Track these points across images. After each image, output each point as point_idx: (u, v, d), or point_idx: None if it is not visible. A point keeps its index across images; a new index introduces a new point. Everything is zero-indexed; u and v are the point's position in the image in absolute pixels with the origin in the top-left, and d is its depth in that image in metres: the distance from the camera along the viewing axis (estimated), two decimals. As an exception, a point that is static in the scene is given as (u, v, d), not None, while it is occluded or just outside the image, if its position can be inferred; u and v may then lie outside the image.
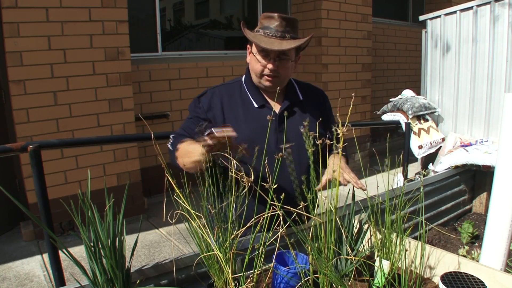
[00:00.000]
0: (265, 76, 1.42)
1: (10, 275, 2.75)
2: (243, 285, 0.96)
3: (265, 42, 1.35)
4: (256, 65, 1.42)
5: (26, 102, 3.10)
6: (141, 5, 4.07)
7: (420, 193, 1.07)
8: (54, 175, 3.25)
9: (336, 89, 5.05)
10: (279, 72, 1.41)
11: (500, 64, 3.04)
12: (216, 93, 1.48)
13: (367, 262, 1.01)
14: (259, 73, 1.42)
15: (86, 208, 0.95)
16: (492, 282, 1.02)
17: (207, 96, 1.48)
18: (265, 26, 1.40)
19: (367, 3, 5.22)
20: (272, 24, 1.39)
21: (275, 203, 0.94)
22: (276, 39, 1.37)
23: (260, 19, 1.43)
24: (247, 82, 1.51)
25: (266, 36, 1.37)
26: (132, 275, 1.06)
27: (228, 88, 1.51)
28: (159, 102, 4.17)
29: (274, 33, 1.37)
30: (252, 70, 1.45)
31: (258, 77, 1.44)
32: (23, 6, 2.99)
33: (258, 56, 1.40)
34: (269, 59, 1.39)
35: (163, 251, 3.12)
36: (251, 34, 1.40)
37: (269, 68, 1.39)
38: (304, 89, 1.58)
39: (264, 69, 1.41)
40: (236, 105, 1.46)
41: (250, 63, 1.46)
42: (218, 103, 1.46)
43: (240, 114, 1.45)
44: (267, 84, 1.44)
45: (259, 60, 1.40)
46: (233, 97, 1.48)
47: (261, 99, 1.47)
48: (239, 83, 1.53)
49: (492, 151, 2.76)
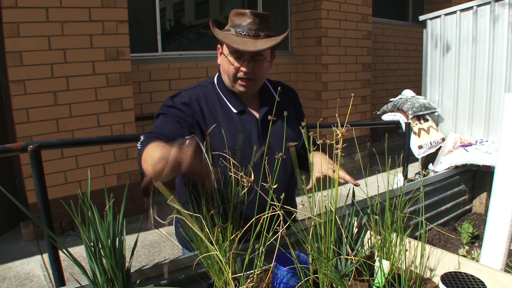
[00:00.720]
0: (239, 80, 1.30)
1: (10, 275, 2.75)
2: (243, 285, 0.96)
3: (238, 43, 1.22)
4: (229, 68, 1.29)
5: (26, 102, 3.10)
6: (141, 5, 4.07)
7: (420, 193, 1.07)
8: (54, 175, 3.25)
9: (336, 89, 5.05)
10: (255, 74, 1.29)
11: (500, 64, 3.04)
12: (193, 95, 1.33)
13: (367, 262, 1.01)
14: (232, 76, 1.29)
15: (86, 208, 0.95)
16: (492, 282, 1.02)
17: (182, 96, 1.32)
18: (237, 24, 1.27)
19: (367, 3, 5.22)
20: (244, 21, 1.26)
21: (274, 203, 0.93)
22: (250, 38, 1.24)
23: (230, 17, 1.30)
24: (220, 85, 1.38)
25: (239, 35, 1.25)
26: (132, 275, 1.06)
27: (203, 90, 1.36)
28: (159, 102, 4.14)
29: (247, 31, 1.25)
30: (225, 73, 1.32)
31: (231, 81, 1.31)
32: (23, 6, 2.99)
33: (230, 58, 1.27)
34: (243, 60, 1.26)
35: (163, 251, 3.12)
36: (221, 34, 1.27)
37: (243, 71, 1.27)
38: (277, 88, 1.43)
39: (237, 72, 1.28)
40: (215, 109, 1.33)
41: (222, 65, 1.32)
42: (197, 105, 1.31)
43: (221, 121, 1.31)
44: (241, 89, 1.31)
45: (231, 62, 1.27)
46: (211, 101, 1.34)
47: (239, 104, 1.35)
48: (211, 86, 1.39)
49: (492, 151, 2.76)
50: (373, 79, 5.77)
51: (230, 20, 1.30)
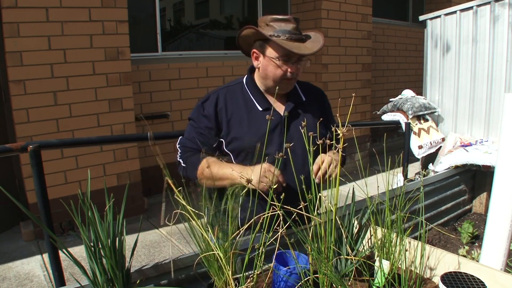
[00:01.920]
0: (285, 80, 1.39)
1: (10, 275, 2.75)
2: (243, 285, 0.96)
3: (293, 47, 1.32)
4: (277, 71, 1.37)
5: (26, 102, 3.10)
6: (141, 5, 4.07)
7: (420, 193, 1.07)
8: (54, 175, 3.25)
9: (336, 89, 5.05)
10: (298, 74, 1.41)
11: (500, 64, 3.04)
12: (220, 97, 1.45)
13: (367, 262, 1.01)
14: (280, 78, 1.38)
15: (86, 208, 0.95)
16: (492, 282, 1.02)
17: (211, 101, 1.44)
18: (282, 30, 1.34)
19: (367, 3, 5.21)
20: (288, 26, 1.35)
21: (277, 204, 0.94)
22: (300, 43, 1.35)
23: (267, 22, 1.37)
24: (249, 85, 1.48)
25: (289, 40, 1.33)
26: (132, 275, 1.06)
27: (230, 90, 1.48)
28: (159, 102, 4.17)
29: (295, 37, 1.34)
30: (269, 76, 1.40)
31: (277, 83, 1.39)
32: (23, 6, 2.99)
33: (277, 62, 1.36)
34: (292, 63, 1.36)
35: (163, 251, 3.12)
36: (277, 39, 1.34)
37: (292, 72, 1.37)
38: (305, 89, 1.56)
39: (286, 74, 1.37)
40: (239, 108, 1.44)
41: (266, 68, 1.40)
42: (222, 107, 1.43)
43: (244, 118, 1.42)
44: (289, 88, 1.43)
45: (279, 65, 1.36)
46: (236, 100, 1.45)
47: (265, 102, 1.45)
48: (240, 85, 1.50)
49: (492, 151, 2.76)
50: (373, 79, 5.77)
51: (268, 25, 1.36)
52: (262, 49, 1.40)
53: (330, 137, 1.50)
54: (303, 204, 0.94)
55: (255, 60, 1.44)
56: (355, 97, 5.25)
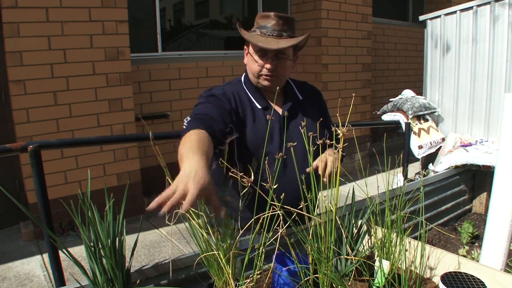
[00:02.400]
0: (263, 76, 1.40)
1: (10, 275, 2.75)
2: (243, 285, 0.96)
3: (262, 42, 1.34)
4: (254, 65, 1.40)
5: (26, 102, 3.10)
6: (141, 5, 4.07)
7: (420, 193, 1.07)
8: (54, 175, 3.25)
9: (336, 89, 5.05)
10: (278, 71, 1.40)
11: (500, 64, 3.04)
12: (228, 90, 1.44)
13: (367, 262, 1.01)
14: (256, 73, 1.41)
15: (86, 208, 0.95)
16: (492, 282, 1.02)
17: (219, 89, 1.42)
18: (262, 26, 1.39)
19: (367, 3, 5.21)
20: (268, 23, 1.38)
21: (277, 204, 0.94)
22: (273, 38, 1.36)
23: (256, 19, 1.42)
24: (246, 84, 1.49)
25: (263, 35, 1.36)
26: (132, 275, 1.06)
27: (235, 87, 1.48)
28: (159, 102, 4.17)
29: (271, 32, 1.36)
30: (250, 71, 1.44)
31: (256, 77, 1.42)
32: (23, 6, 2.99)
33: (255, 56, 1.39)
34: (267, 58, 1.37)
35: (163, 251, 3.12)
36: (247, 34, 1.40)
37: (267, 68, 1.38)
38: (302, 88, 1.57)
39: (262, 69, 1.39)
40: (246, 105, 1.44)
41: (248, 63, 1.45)
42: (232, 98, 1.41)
43: (249, 115, 1.42)
44: (265, 83, 1.42)
45: (256, 60, 1.39)
46: (241, 97, 1.46)
47: (263, 101, 1.45)
48: (239, 84, 1.50)
49: (492, 151, 2.76)
50: (373, 79, 5.77)
51: (256, 22, 1.42)
52: (247, 45, 1.44)
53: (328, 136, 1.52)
54: (303, 204, 0.94)
55: (245, 56, 1.47)
56: (355, 97, 5.25)
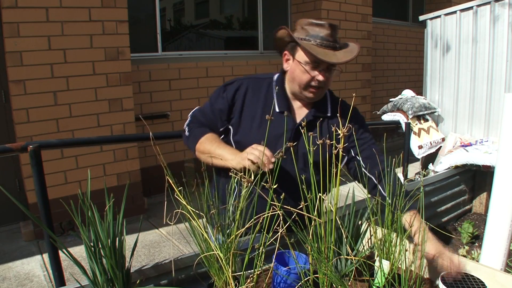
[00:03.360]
0: (310, 88, 1.34)
1: (10, 275, 2.75)
2: (243, 285, 0.96)
3: (321, 54, 1.27)
4: (303, 76, 1.32)
5: (26, 102, 3.10)
6: (141, 5, 4.07)
7: (420, 193, 1.07)
8: (54, 175, 3.25)
9: (336, 89, 5.03)
10: (326, 83, 1.34)
11: (500, 64, 3.04)
12: (243, 85, 1.42)
13: (367, 262, 1.01)
14: (305, 84, 1.33)
15: (86, 208, 0.95)
16: (492, 282, 1.02)
17: (233, 86, 1.42)
18: (314, 35, 1.29)
19: (367, 3, 5.21)
20: (321, 32, 1.29)
21: (276, 203, 0.94)
22: (330, 50, 1.29)
23: (303, 25, 1.33)
24: (277, 83, 1.42)
25: (319, 46, 1.28)
26: (132, 275, 1.06)
27: (256, 82, 1.44)
28: (159, 102, 4.17)
29: (326, 43, 1.29)
30: (295, 80, 1.35)
31: (301, 88, 1.35)
32: (23, 6, 2.99)
33: (307, 67, 1.31)
34: (319, 70, 1.30)
35: (163, 251, 3.12)
36: (304, 43, 1.29)
37: (319, 80, 1.31)
38: (335, 104, 1.45)
39: (311, 81, 1.32)
40: (258, 104, 1.40)
41: (294, 72, 1.35)
42: (241, 96, 1.40)
43: (257, 115, 1.38)
44: (310, 95, 1.35)
45: (307, 70, 1.31)
46: (258, 95, 1.41)
47: (284, 106, 1.39)
48: (268, 81, 1.44)
49: (492, 151, 2.76)
50: (373, 79, 5.76)
51: (303, 29, 1.32)
52: (293, 52, 1.36)
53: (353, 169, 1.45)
54: (303, 204, 0.93)
55: (285, 62, 1.40)
56: (355, 97, 5.24)
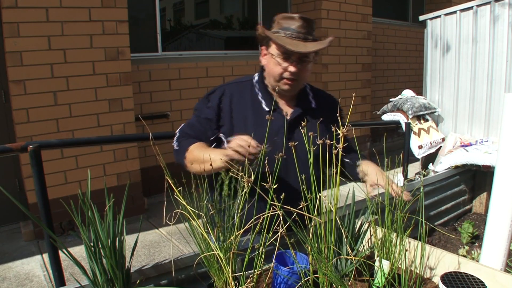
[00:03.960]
0: (284, 80, 1.36)
1: (10, 275, 2.75)
2: (243, 285, 0.96)
3: (290, 44, 1.29)
4: (276, 68, 1.35)
5: (26, 102, 3.10)
6: (141, 5, 4.07)
7: (420, 193, 1.07)
8: (54, 175, 3.25)
9: (336, 89, 5.05)
10: (300, 74, 1.36)
11: (500, 64, 3.04)
12: (227, 92, 1.43)
13: (367, 262, 1.01)
14: (278, 76, 1.36)
15: (86, 208, 0.95)
16: (492, 282, 1.02)
17: (216, 94, 1.43)
18: (286, 27, 1.33)
19: (367, 3, 5.21)
20: (293, 25, 1.33)
21: (277, 203, 0.94)
22: (300, 41, 1.31)
23: (277, 20, 1.38)
24: (259, 83, 1.45)
25: (289, 37, 1.31)
26: (132, 275, 1.06)
27: (239, 86, 1.45)
28: (159, 102, 4.17)
29: (297, 34, 1.32)
30: (271, 73, 1.39)
31: (276, 81, 1.38)
32: (23, 6, 2.99)
33: (278, 59, 1.34)
34: (291, 61, 1.33)
35: (163, 251, 3.12)
36: (273, 35, 1.34)
37: (290, 71, 1.34)
38: (318, 96, 1.51)
39: (284, 72, 1.35)
40: (246, 106, 1.41)
41: (268, 65, 1.39)
42: (227, 102, 1.41)
43: (249, 117, 1.40)
44: (285, 87, 1.37)
45: (279, 62, 1.34)
46: (243, 98, 1.43)
47: (271, 103, 1.41)
48: (250, 83, 1.47)
49: (492, 151, 2.76)
50: (373, 79, 5.76)
51: (277, 23, 1.37)
52: (268, 46, 1.39)
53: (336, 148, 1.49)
54: (303, 204, 0.93)
55: (263, 57, 1.43)
56: (355, 97, 5.25)
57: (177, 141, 1.42)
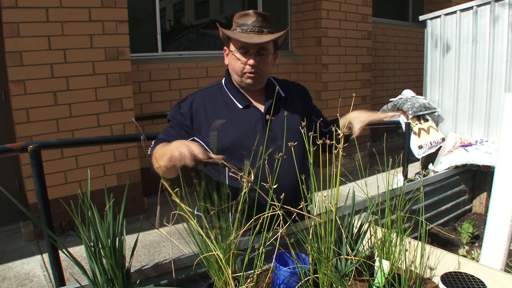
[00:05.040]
0: (246, 74, 1.40)
1: (10, 275, 2.75)
2: (243, 285, 0.95)
3: (244, 37, 1.34)
4: (236, 64, 1.39)
5: (26, 102, 3.10)
6: (141, 5, 4.07)
7: (420, 193, 1.07)
8: (54, 175, 3.25)
9: (336, 89, 5.04)
10: (260, 68, 1.39)
11: (500, 64, 3.04)
12: (197, 98, 1.46)
13: (367, 262, 1.01)
14: (240, 71, 1.39)
15: (86, 208, 0.95)
16: (492, 282, 1.02)
17: (187, 101, 1.45)
18: (241, 24, 1.38)
19: (367, 3, 5.21)
20: (248, 20, 1.38)
21: (274, 203, 0.94)
22: (255, 34, 1.36)
23: (235, 19, 1.42)
24: (227, 84, 1.49)
25: (245, 32, 1.36)
26: (132, 275, 1.06)
27: (209, 92, 1.49)
28: (159, 102, 4.17)
29: (252, 28, 1.36)
30: (233, 70, 1.43)
31: (239, 76, 1.41)
32: (23, 6, 2.99)
33: (237, 54, 1.38)
34: (249, 55, 1.37)
35: (163, 251, 3.12)
36: (229, 32, 1.39)
37: (250, 64, 1.37)
38: (284, 86, 1.56)
39: (244, 67, 1.38)
40: (219, 108, 1.44)
41: (230, 63, 1.44)
42: (200, 107, 1.43)
43: (225, 116, 1.42)
44: (248, 81, 1.41)
45: (238, 57, 1.38)
46: (215, 100, 1.46)
47: (244, 100, 1.45)
48: (219, 87, 1.51)
49: (492, 151, 2.76)
50: (373, 79, 5.76)
51: (235, 22, 1.42)
52: (228, 45, 1.43)
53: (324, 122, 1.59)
54: (303, 205, 0.93)
55: (226, 57, 1.47)
56: (355, 97, 5.25)
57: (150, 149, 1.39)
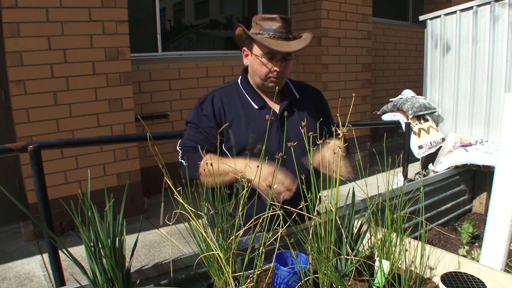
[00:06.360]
0: (271, 78, 1.42)
1: (10, 275, 2.75)
2: (243, 285, 0.96)
3: (274, 44, 1.34)
4: (261, 68, 1.41)
5: (26, 102, 3.10)
6: (141, 5, 4.07)
7: (420, 193, 1.07)
8: (54, 175, 3.25)
9: (336, 89, 5.04)
10: (283, 72, 1.42)
11: (500, 64, 3.04)
12: (216, 97, 1.48)
13: (367, 262, 1.01)
14: (264, 75, 1.42)
15: (86, 208, 0.95)
16: (492, 282, 1.02)
17: (208, 101, 1.47)
18: (268, 28, 1.38)
19: (367, 3, 5.21)
20: (274, 25, 1.38)
21: (277, 203, 0.94)
22: (283, 41, 1.37)
23: (257, 21, 1.42)
24: (243, 84, 1.51)
25: (272, 38, 1.36)
26: (132, 275, 1.06)
27: (226, 90, 1.51)
28: (159, 102, 4.17)
29: (279, 34, 1.37)
30: (256, 73, 1.44)
31: (262, 80, 1.43)
32: (23, 6, 2.99)
33: (263, 59, 1.39)
34: (276, 61, 1.39)
35: (163, 251, 3.12)
36: (258, 37, 1.38)
37: (277, 70, 1.39)
38: (299, 87, 1.59)
39: (270, 72, 1.40)
40: (236, 107, 1.46)
41: (253, 66, 1.44)
42: (220, 105, 1.46)
43: (241, 116, 1.45)
44: (272, 85, 1.43)
45: (264, 63, 1.39)
46: (233, 99, 1.48)
47: (260, 100, 1.48)
48: (235, 86, 1.52)
49: (492, 151, 2.76)
50: (373, 79, 5.76)
51: (257, 24, 1.41)
52: (250, 47, 1.44)
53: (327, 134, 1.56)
54: (303, 204, 0.93)
55: (245, 58, 1.49)
56: (355, 97, 5.25)
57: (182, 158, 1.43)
